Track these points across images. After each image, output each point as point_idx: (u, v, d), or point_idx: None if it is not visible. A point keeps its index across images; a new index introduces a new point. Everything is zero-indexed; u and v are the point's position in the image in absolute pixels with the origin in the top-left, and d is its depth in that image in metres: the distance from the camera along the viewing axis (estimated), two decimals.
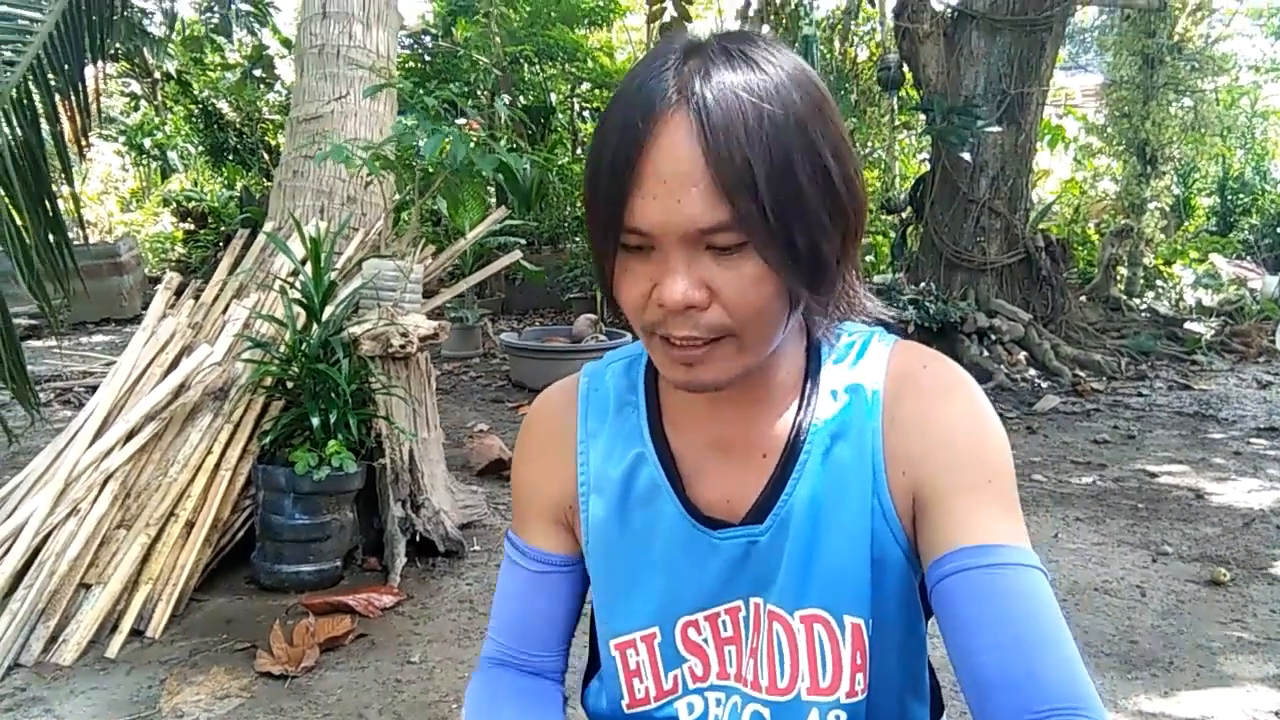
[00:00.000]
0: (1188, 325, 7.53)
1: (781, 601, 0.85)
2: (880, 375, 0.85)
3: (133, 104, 11.62)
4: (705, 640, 0.89)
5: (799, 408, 0.86)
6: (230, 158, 10.39)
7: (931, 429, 0.82)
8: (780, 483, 0.85)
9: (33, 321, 6.65)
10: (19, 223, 3.48)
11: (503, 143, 4.16)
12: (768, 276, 0.72)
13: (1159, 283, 8.81)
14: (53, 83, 3.68)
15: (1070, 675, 0.71)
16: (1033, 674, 0.71)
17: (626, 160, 0.71)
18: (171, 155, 11.30)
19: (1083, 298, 7.73)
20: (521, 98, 8.60)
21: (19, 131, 3.45)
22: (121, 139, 11.18)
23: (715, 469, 0.88)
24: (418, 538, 3.05)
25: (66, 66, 3.82)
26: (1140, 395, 5.86)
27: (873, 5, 8.32)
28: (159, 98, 11.18)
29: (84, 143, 5.11)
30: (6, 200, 3.30)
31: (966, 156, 6.45)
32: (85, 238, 9.23)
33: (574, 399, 0.95)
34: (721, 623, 0.89)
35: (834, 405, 0.85)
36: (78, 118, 4.33)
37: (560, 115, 10.00)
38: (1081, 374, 6.23)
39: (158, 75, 10.71)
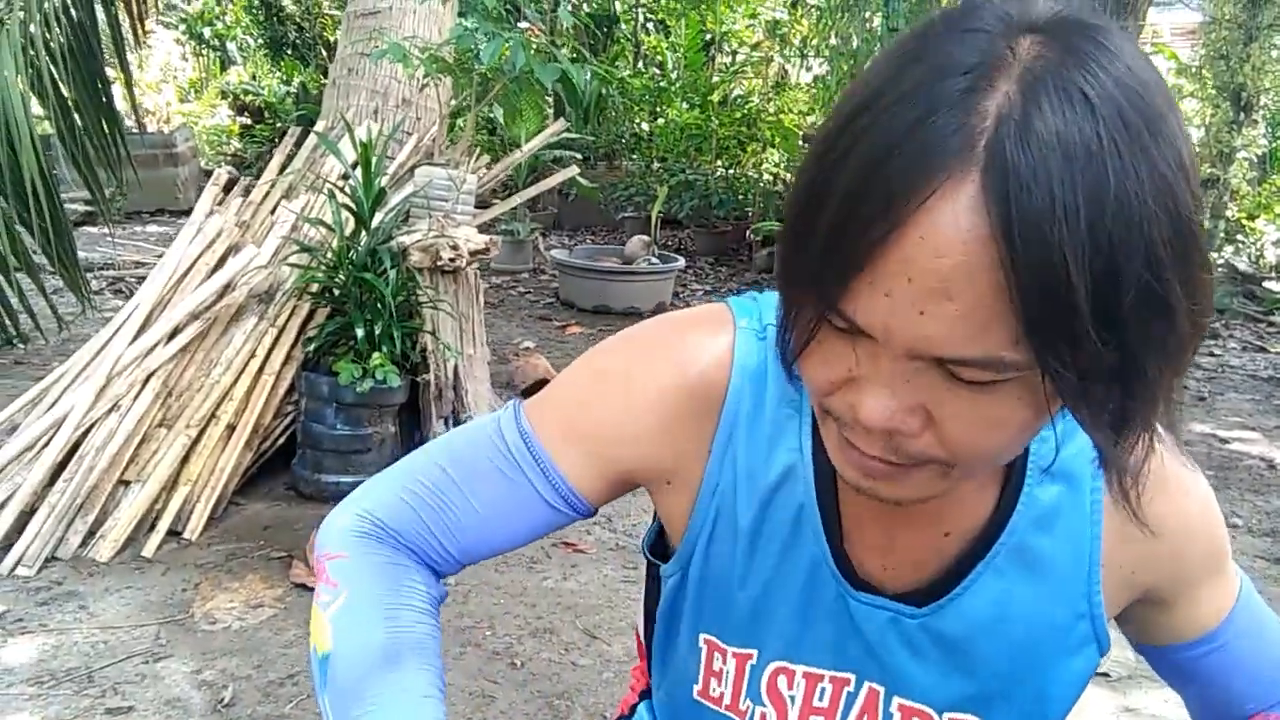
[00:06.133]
0: (1267, 284, 7.18)
1: (930, 699, 0.72)
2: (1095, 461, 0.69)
3: None
4: (792, 697, 0.75)
5: (1002, 485, 0.69)
6: (289, 52, 10.21)
7: (1169, 527, 0.69)
8: (962, 569, 0.69)
9: (89, 208, 6.61)
10: (69, 100, 3.41)
11: (564, 51, 3.98)
12: (1021, 416, 0.51)
13: (1239, 237, 8.39)
14: None
15: None
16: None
17: (864, 223, 0.46)
18: (230, 46, 11.15)
19: None
20: (585, 4, 8.29)
21: (72, 11, 3.36)
22: (182, 27, 11.04)
23: (882, 528, 0.71)
24: None
25: None
26: (1212, 355, 5.61)
27: None
28: None
29: (142, 28, 5.00)
30: (55, 76, 3.22)
31: None
32: (141, 126, 9.19)
33: (726, 355, 0.71)
34: (820, 689, 0.74)
35: (1045, 491, 0.69)
36: (134, 2, 4.21)
37: (624, 25, 9.65)
38: None
39: None
